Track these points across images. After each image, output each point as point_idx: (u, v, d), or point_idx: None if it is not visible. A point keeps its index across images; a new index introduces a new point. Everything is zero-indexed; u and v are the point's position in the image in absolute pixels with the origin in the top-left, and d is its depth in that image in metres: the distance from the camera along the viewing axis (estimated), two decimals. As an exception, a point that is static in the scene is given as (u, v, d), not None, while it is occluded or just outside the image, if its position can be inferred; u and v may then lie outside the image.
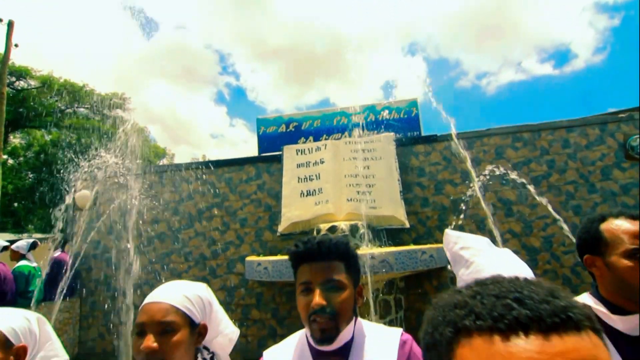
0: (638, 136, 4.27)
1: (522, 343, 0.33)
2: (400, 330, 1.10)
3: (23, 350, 0.98)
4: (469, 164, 4.02)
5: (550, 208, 3.89)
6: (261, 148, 5.30)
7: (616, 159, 4.33)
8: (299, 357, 1.09)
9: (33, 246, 4.03)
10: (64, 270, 4.45)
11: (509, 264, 1.04)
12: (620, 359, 0.98)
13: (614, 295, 1.06)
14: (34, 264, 4.06)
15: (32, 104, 17.23)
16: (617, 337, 1.01)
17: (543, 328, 0.33)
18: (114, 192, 4.90)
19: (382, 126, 5.09)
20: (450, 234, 1.19)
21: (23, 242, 4.04)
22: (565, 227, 3.81)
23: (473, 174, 4.07)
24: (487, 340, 0.35)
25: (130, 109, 20.98)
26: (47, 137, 21.16)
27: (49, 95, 17.68)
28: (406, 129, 5.05)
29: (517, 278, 0.39)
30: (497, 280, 0.39)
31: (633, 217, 1.06)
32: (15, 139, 21.24)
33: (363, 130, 4.92)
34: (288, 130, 5.33)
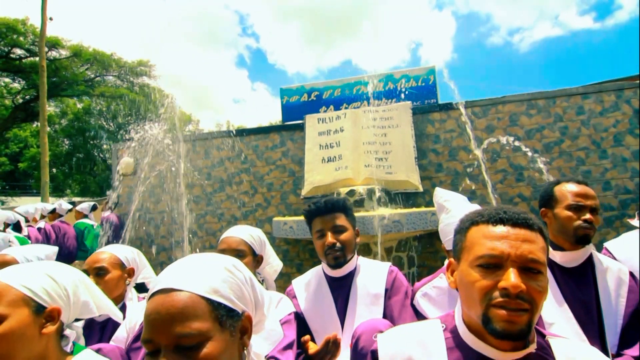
0: (654, 102, 4.32)
1: (500, 227, 0.77)
2: (389, 263, 1.57)
3: (132, 271, 1.45)
4: (472, 138, 4.27)
5: (545, 172, 4.13)
6: (285, 117, 5.64)
7: (630, 126, 4.43)
8: (317, 283, 1.57)
9: (94, 208, 4.65)
10: (113, 228, 5.09)
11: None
12: (556, 285, 1.36)
13: (557, 237, 1.45)
14: (93, 223, 4.68)
15: (64, 73, 17.93)
16: (555, 267, 1.40)
17: (511, 224, 0.77)
18: (154, 159, 5.40)
19: (401, 94, 5.29)
20: (438, 190, 1.61)
21: (85, 204, 4.69)
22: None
23: (473, 145, 4.33)
24: (483, 225, 0.79)
25: (156, 76, 21.40)
26: (79, 105, 22.11)
27: (80, 64, 18.30)
28: (423, 96, 5.25)
29: (510, 207, 0.83)
30: (499, 206, 0.83)
31: (579, 182, 1.42)
32: (50, 107, 22.26)
33: (381, 99, 5.16)
34: (310, 99, 5.62)
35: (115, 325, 1.36)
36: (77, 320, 1.01)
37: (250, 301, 0.74)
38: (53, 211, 4.59)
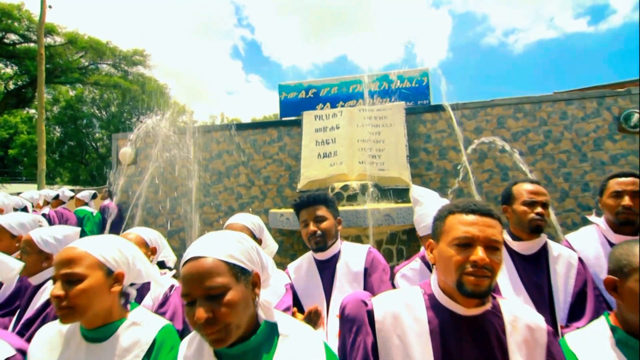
0: (632, 110, 4.60)
1: (472, 216, 1.02)
2: (368, 245, 1.82)
3: (155, 250, 1.65)
4: (460, 137, 4.50)
5: (526, 169, 4.43)
6: (282, 112, 5.82)
7: (609, 131, 4.70)
8: (307, 265, 1.83)
9: (94, 196, 4.80)
10: (112, 216, 5.24)
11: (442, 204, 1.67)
12: (515, 270, 1.59)
13: (516, 229, 1.71)
14: (92, 210, 4.84)
15: (58, 60, 17.79)
16: (514, 255, 1.64)
17: (479, 213, 1.01)
18: (152, 150, 5.55)
19: (395, 94, 5.51)
20: (414, 187, 1.88)
21: (86, 193, 4.83)
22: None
23: (461, 146, 4.59)
24: (458, 214, 1.04)
25: (151, 66, 21.28)
26: (72, 93, 21.94)
27: (75, 52, 18.16)
28: (416, 97, 5.47)
29: (479, 201, 1.05)
30: (469, 199, 1.06)
31: (532, 182, 1.67)
32: (42, 94, 21.96)
33: (376, 98, 5.36)
34: (307, 96, 5.80)
35: (142, 295, 1.58)
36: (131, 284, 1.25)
37: (257, 263, 0.99)
38: (56, 197, 4.73)
